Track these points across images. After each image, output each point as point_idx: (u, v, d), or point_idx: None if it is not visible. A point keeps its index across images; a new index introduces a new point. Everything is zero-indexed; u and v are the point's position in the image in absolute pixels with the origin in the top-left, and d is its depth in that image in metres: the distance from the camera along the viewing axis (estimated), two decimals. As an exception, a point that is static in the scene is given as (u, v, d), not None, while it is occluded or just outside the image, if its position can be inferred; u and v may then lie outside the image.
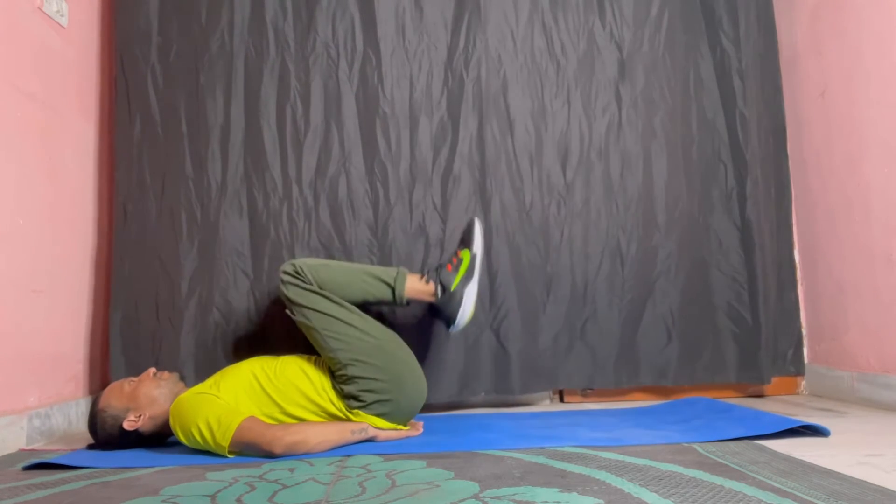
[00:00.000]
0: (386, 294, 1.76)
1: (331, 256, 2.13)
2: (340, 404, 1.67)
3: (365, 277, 1.76)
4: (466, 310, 1.79)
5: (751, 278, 2.21)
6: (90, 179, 2.20)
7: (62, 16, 2.01)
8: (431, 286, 1.79)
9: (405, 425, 1.74)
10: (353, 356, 1.66)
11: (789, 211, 2.35)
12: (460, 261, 1.82)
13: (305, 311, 1.69)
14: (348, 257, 2.12)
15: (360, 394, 1.65)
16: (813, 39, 2.30)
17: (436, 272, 1.81)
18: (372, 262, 2.13)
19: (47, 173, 1.93)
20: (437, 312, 1.83)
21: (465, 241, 1.87)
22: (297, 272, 1.70)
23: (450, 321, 1.80)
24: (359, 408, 1.65)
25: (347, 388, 1.66)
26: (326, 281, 1.71)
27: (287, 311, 1.74)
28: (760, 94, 2.34)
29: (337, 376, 1.68)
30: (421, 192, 2.17)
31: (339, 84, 2.20)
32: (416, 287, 1.79)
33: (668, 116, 2.27)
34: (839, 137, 2.16)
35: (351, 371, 1.65)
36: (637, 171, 2.24)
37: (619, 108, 2.26)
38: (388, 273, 1.78)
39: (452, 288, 1.77)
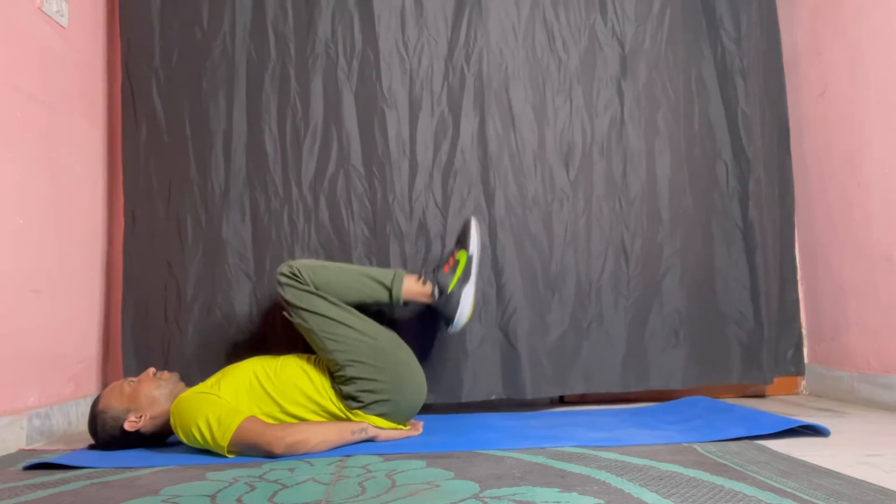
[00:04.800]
0: (383, 296, 1.76)
1: (330, 257, 2.13)
2: (340, 404, 1.67)
3: (362, 279, 1.76)
4: (464, 311, 1.79)
5: (753, 278, 2.21)
6: (99, 184, 2.22)
7: (62, 16, 2.01)
8: (429, 287, 1.78)
9: (405, 425, 1.74)
10: (350, 357, 1.66)
11: (792, 210, 2.35)
12: (457, 262, 1.82)
13: (303, 312, 1.68)
14: (347, 257, 2.12)
15: (359, 394, 1.65)
16: (813, 39, 2.29)
17: (433, 273, 1.81)
18: (371, 262, 2.13)
19: (48, 174, 1.93)
20: (437, 313, 1.83)
21: (461, 242, 1.87)
22: (293, 274, 1.69)
23: (448, 321, 1.81)
24: (358, 408, 1.65)
25: (346, 389, 1.66)
26: (323, 283, 1.70)
27: (285, 314, 1.74)
28: (764, 92, 2.34)
29: (336, 377, 1.68)
30: (421, 188, 2.17)
31: (339, 83, 2.19)
32: (414, 289, 1.78)
33: (671, 113, 2.26)
34: (839, 137, 2.16)
35: (349, 372, 1.65)
36: (640, 168, 2.23)
37: (622, 105, 2.25)
38: (385, 275, 1.78)
39: (449, 289, 1.78)
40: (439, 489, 1.15)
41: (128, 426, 1.58)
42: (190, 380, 1.78)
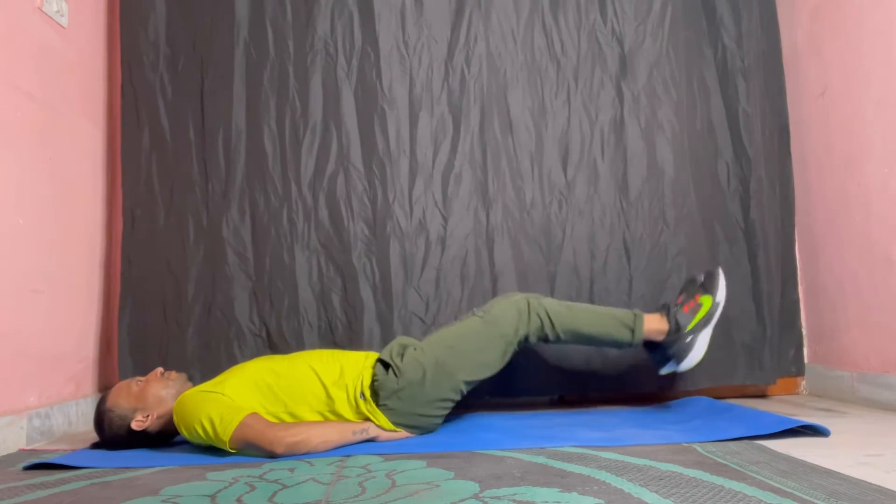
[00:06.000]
0: (623, 336, 1.77)
1: (330, 256, 2.13)
2: (353, 393, 1.64)
3: (605, 318, 1.77)
4: (697, 354, 1.77)
5: (755, 278, 2.20)
6: (99, 184, 2.21)
7: (62, 16, 2.01)
8: (666, 324, 1.77)
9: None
10: (446, 366, 1.68)
11: (793, 210, 2.34)
12: (699, 305, 1.80)
13: (504, 336, 1.71)
14: (347, 256, 2.12)
15: (402, 376, 1.65)
16: (813, 39, 2.29)
17: (669, 310, 1.80)
18: (370, 261, 2.12)
19: (48, 174, 1.93)
20: (659, 349, 1.80)
21: (706, 287, 1.85)
22: (542, 322, 1.72)
23: (675, 359, 1.78)
24: (392, 392, 1.63)
25: (406, 360, 1.66)
26: (567, 324, 1.74)
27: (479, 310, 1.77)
28: (764, 91, 2.33)
29: (412, 347, 1.71)
30: (421, 189, 2.16)
31: (338, 81, 2.19)
32: (653, 327, 1.77)
33: (673, 112, 2.24)
34: (839, 137, 2.16)
35: (429, 364, 1.66)
36: (641, 168, 2.22)
37: (622, 105, 2.24)
38: (626, 316, 1.79)
39: (688, 329, 1.76)
40: (439, 489, 1.15)
41: (135, 425, 1.58)
42: (193, 380, 1.78)
